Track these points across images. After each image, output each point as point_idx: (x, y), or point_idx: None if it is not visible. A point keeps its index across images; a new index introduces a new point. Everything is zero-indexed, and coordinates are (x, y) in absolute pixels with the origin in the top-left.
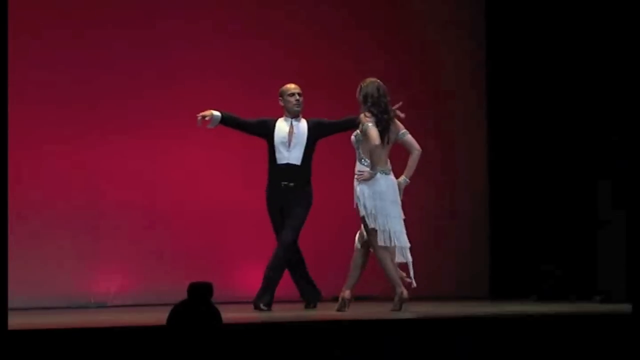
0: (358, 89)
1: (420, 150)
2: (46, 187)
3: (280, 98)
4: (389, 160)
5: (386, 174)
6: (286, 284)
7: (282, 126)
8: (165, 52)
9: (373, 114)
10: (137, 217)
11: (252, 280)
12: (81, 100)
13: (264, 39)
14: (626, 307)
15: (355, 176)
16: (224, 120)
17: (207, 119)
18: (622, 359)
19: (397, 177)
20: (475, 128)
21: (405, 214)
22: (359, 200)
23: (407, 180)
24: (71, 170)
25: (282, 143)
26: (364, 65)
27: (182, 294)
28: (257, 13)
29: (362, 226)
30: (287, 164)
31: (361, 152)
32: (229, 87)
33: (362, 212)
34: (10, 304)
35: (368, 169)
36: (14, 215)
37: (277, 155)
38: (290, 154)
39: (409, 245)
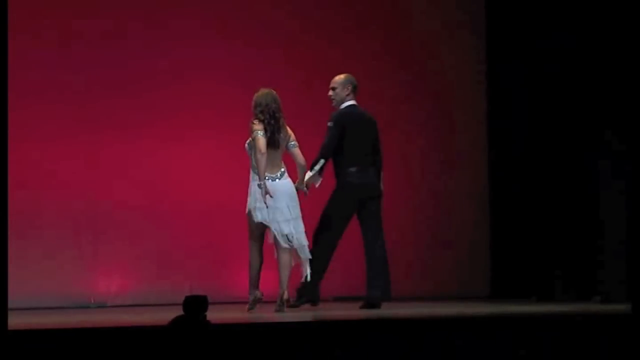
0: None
1: (304, 164)
2: (46, 187)
3: None
4: (282, 163)
5: (279, 178)
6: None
7: None
8: (166, 52)
9: (260, 120)
10: (137, 217)
11: None
12: (81, 101)
13: (264, 39)
14: (626, 307)
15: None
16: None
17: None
18: (622, 359)
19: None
20: (475, 128)
21: (405, 213)
22: (253, 207)
23: (304, 187)
24: (71, 170)
25: None
26: (364, 66)
27: (181, 294)
28: (257, 13)
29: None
30: None
31: (253, 159)
32: (229, 87)
33: (258, 219)
34: (10, 304)
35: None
36: (15, 215)
37: None
38: None
39: (307, 243)
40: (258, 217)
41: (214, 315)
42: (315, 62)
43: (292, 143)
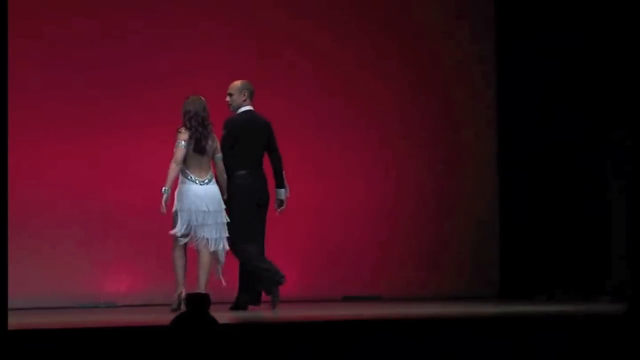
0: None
1: (225, 177)
2: (46, 187)
3: None
4: (210, 170)
5: (206, 183)
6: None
7: None
8: (166, 52)
9: (187, 127)
10: (145, 217)
11: None
12: (82, 100)
13: (265, 39)
14: (624, 307)
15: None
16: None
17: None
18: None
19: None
20: (483, 127)
21: (413, 213)
22: (180, 207)
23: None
24: (71, 170)
25: None
26: (367, 66)
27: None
28: (258, 13)
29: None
30: None
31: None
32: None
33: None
34: (10, 304)
35: (190, 177)
36: (15, 215)
37: None
38: None
39: (227, 248)
40: (188, 219)
41: (212, 315)
42: (316, 62)
43: (218, 155)
